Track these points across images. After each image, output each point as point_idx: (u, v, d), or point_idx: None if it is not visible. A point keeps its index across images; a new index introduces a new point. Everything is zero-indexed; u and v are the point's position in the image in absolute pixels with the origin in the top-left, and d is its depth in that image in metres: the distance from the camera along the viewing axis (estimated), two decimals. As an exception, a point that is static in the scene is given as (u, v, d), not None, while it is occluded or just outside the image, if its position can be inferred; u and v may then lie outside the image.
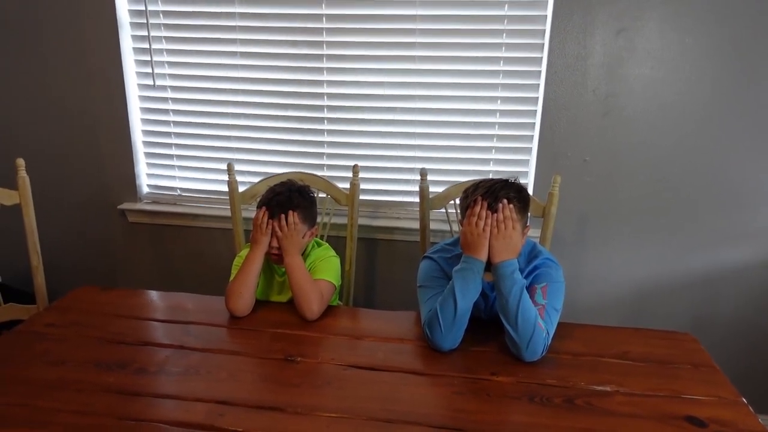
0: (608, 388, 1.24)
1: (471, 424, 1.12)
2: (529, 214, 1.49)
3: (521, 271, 1.38)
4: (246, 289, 1.52)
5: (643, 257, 2.10)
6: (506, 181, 1.41)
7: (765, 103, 1.89)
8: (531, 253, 1.47)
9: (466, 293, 1.33)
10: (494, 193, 1.37)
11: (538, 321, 1.31)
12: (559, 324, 1.43)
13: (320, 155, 2.18)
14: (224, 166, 2.21)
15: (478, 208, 1.36)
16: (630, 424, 1.13)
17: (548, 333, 1.33)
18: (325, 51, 2.05)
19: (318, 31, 2.04)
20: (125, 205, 2.30)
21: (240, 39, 2.09)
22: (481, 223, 1.34)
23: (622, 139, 1.99)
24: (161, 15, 2.10)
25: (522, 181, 2.08)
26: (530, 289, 1.38)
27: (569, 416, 1.15)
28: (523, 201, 1.39)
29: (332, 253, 1.70)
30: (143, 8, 2.08)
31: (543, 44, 1.96)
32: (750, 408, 1.19)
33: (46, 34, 2.14)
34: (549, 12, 1.92)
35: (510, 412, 1.17)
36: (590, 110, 1.98)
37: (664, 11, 1.85)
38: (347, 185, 1.96)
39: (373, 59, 2.04)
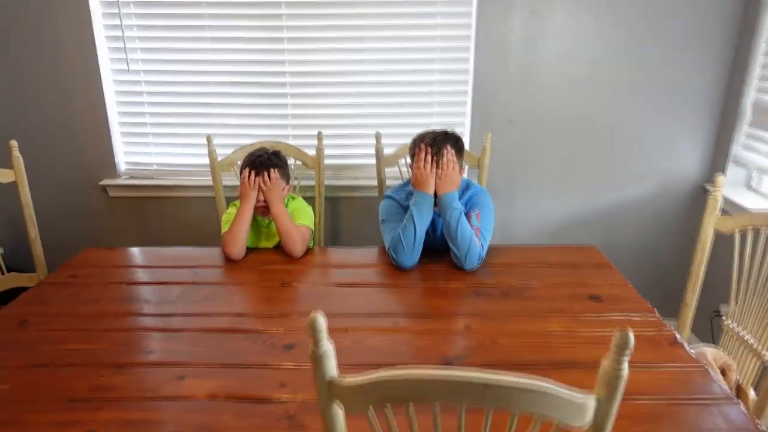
0: (533, 284, 1.65)
1: (435, 312, 1.50)
2: (464, 157, 1.86)
3: (459, 200, 1.77)
4: (240, 236, 1.82)
5: (561, 197, 2.55)
6: (446, 132, 1.78)
7: (652, 71, 2.35)
8: (466, 187, 1.86)
9: (422, 219, 1.70)
10: (437, 143, 1.74)
11: (473, 238, 1.70)
12: (495, 246, 1.84)
13: (285, 126, 2.48)
14: (196, 141, 2.49)
15: (423, 154, 1.72)
16: (549, 304, 1.54)
17: (482, 246, 1.73)
18: (285, 34, 2.35)
19: (278, 17, 2.33)
20: (105, 182, 2.52)
21: (208, 26, 2.34)
22: (428, 166, 1.71)
23: (539, 102, 2.41)
24: (132, 5, 2.32)
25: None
26: (467, 215, 1.76)
27: (506, 302, 1.55)
28: (459, 147, 1.78)
29: (306, 204, 2.03)
30: (114, -1, 2.29)
31: (471, 24, 2.33)
32: (633, 287, 1.62)
33: (22, 25, 2.31)
34: (474, -4, 2.29)
35: (462, 303, 1.56)
36: (512, 79, 2.38)
37: (566, -6, 2.27)
38: (311, 151, 2.28)
39: (329, 40, 2.36)
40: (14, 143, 2.01)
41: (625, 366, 0.72)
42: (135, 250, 1.96)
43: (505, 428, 0.76)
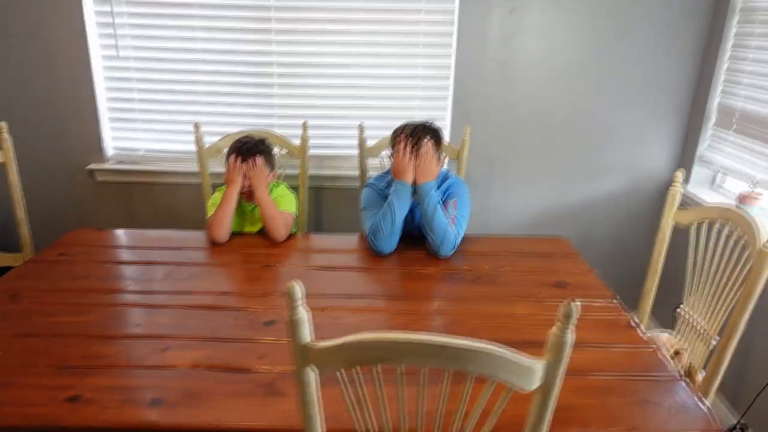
0: (503, 271, 1.74)
1: (412, 293, 1.59)
2: (442, 148, 1.94)
3: (437, 190, 1.85)
4: (226, 220, 1.89)
5: (537, 190, 2.65)
6: (425, 124, 1.87)
7: (625, 70, 2.45)
8: (444, 177, 1.94)
9: (401, 207, 1.78)
10: (416, 134, 1.82)
11: (449, 227, 1.79)
12: (471, 235, 1.94)
13: (271, 116, 2.55)
14: (183, 128, 2.54)
15: (403, 145, 1.80)
16: (517, 289, 1.63)
17: (457, 234, 1.81)
18: (274, 26, 2.41)
19: (266, 8, 2.39)
20: (92, 166, 2.56)
21: (198, 15, 2.39)
22: (408, 156, 1.79)
23: (517, 96, 2.50)
24: (122, -7, 2.37)
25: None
26: (444, 203, 1.85)
27: (477, 286, 1.64)
28: (437, 139, 1.86)
29: (290, 190, 2.10)
30: (105, -14, 2.34)
31: (453, 20, 2.42)
32: (597, 276, 1.72)
33: (11, 9, 2.34)
34: (457, -5, 2.38)
35: (435, 287, 1.65)
36: (491, 74, 2.47)
37: (545, -6, 2.36)
38: (296, 141, 2.35)
39: (316, 33, 2.42)
40: (3, 125, 2.05)
41: (570, 333, 0.81)
42: (122, 232, 2.01)
43: (461, 393, 0.84)
